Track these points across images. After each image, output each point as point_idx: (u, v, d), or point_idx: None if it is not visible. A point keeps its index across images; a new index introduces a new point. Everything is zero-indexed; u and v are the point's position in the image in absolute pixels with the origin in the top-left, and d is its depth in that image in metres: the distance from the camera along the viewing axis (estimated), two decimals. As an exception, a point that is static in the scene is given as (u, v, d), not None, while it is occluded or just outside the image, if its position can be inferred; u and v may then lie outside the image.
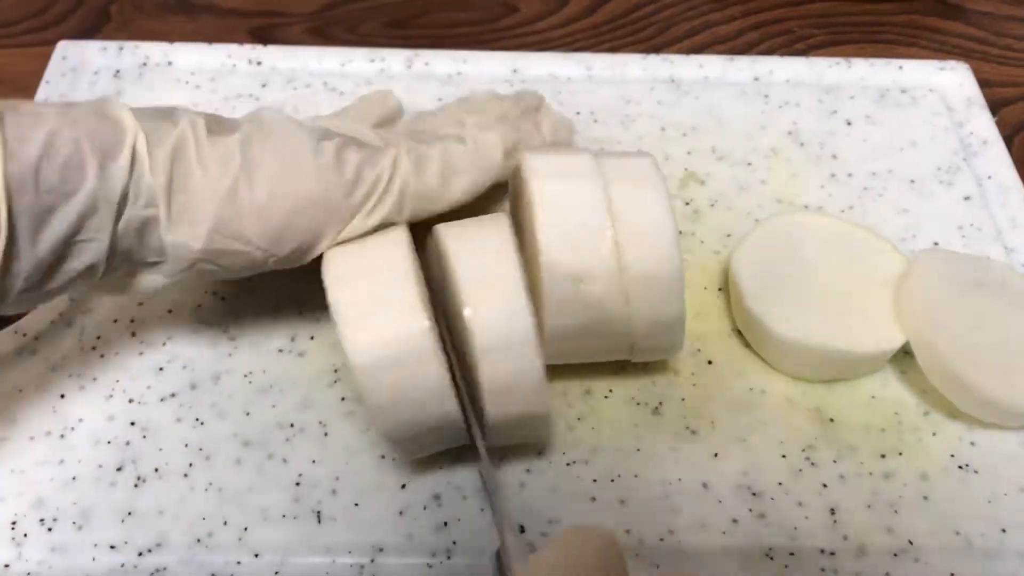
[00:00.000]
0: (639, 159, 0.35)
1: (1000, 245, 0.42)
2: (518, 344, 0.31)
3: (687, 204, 0.43)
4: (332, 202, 0.33)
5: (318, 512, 0.34)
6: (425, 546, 0.33)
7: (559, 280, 0.33)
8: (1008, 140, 0.47)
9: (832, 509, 0.35)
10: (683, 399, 0.37)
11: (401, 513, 0.34)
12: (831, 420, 0.37)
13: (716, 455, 0.36)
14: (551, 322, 0.33)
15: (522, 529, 0.34)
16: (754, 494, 0.35)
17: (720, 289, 0.41)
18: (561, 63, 0.48)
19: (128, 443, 0.35)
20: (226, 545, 0.33)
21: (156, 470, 0.35)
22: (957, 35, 0.54)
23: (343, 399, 0.37)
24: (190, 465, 0.35)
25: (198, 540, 0.33)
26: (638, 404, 0.37)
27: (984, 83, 0.49)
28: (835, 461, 0.36)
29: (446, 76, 0.48)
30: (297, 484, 0.34)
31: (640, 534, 0.34)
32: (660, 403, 0.37)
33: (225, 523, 0.34)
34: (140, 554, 0.33)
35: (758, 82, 0.48)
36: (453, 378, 0.32)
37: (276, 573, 0.33)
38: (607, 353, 0.36)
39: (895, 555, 0.34)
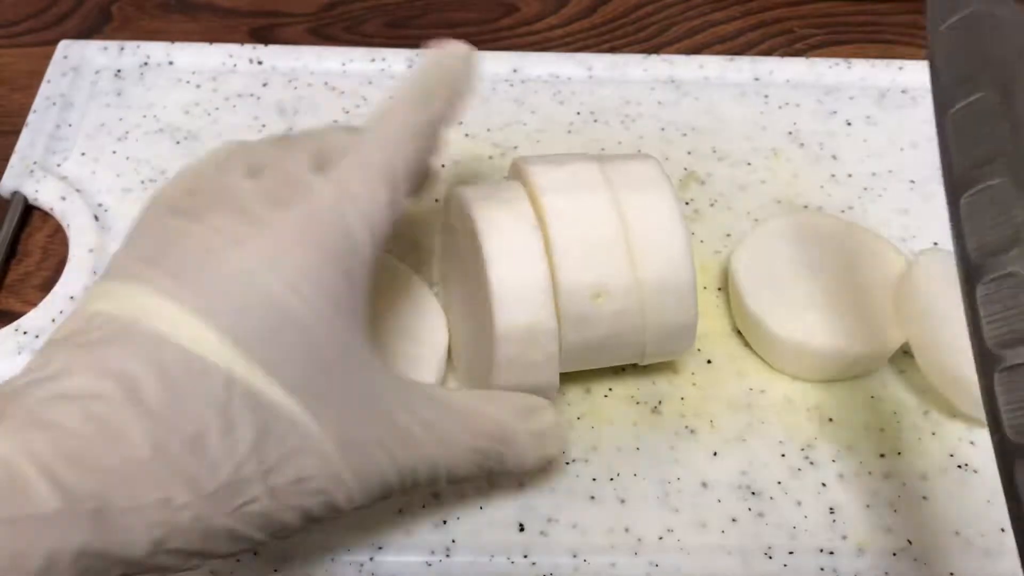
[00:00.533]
0: (643, 163, 0.35)
1: (1000, 245, 0.42)
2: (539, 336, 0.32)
3: (687, 204, 0.43)
4: None
5: (317, 510, 0.34)
6: (424, 544, 0.33)
7: (577, 297, 0.33)
8: (1008, 141, 0.47)
9: (831, 508, 0.35)
10: (682, 398, 0.37)
11: (400, 511, 0.34)
12: (830, 420, 0.37)
13: (715, 454, 0.36)
14: (568, 338, 0.33)
15: (521, 528, 0.34)
16: (753, 493, 0.35)
17: (720, 289, 0.41)
18: (561, 63, 0.49)
19: (128, 441, 0.35)
20: (225, 543, 0.33)
21: (156, 468, 0.35)
22: (957, 36, 0.54)
23: (343, 398, 0.37)
24: (189, 463, 0.35)
25: (197, 538, 0.33)
26: (637, 403, 0.37)
27: (984, 84, 0.49)
28: (834, 460, 0.36)
29: (446, 76, 0.48)
30: (296, 482, 0.34)
31: (639, 533, 0.34)
32: (659, 402, 0.37)
33: (224, 521, 0.34)
34: (139, 552, 0.33)
35: (758, 82, 0.48)
36: None
37: (275, 571, 0.33)
38: (619, 360, 0.36)
39: (894, 554, 0.34)
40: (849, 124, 0.47)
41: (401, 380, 0.29)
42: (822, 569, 0.33)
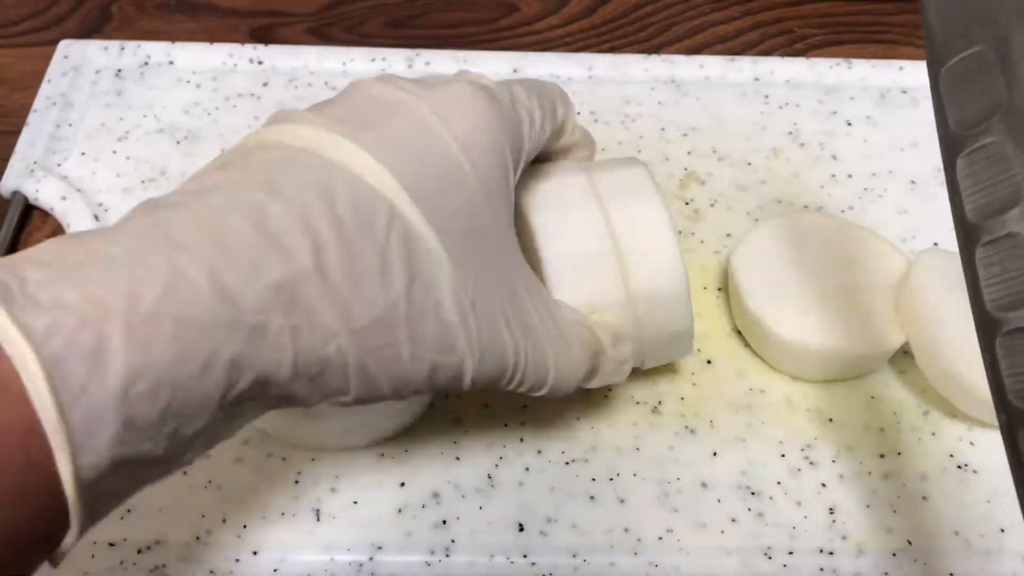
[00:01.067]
0: (631, 170, 0.35)
1: (1000, 245, 0.42)
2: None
3: (687, 204, 0.43)
4: None
5: (317, 510, 0.34)
6: (423, 544, 0.33)
7: None
8: (1008, 141, 0.47)
9: (831, 508, 0.35)
10: (682, 398, 0.37)
11: (400, 511, 0.34)
12: (830, 420, 0.37)
13: (715, 454, 0.36)
14: None
15: (520, 528, 0.34)
16: (753, 493, 0.35)
17: (720, 289, 0.41)
18: (561, 63, 0.49)
19: (128, 441, 0.35)
20: (225, 543, 0.33)
21: (155, 468, 0.35)
22: (957, 36, 0.54)
23: (342, 398, 0.37)
24: (189, 463, 0.35)
25: (197, 538, 0.33)
26: (637, 403, 0.37)
27: (984, 84, 0.49)
28: (834, 461, 0.36)
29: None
30: (296, 482, 0.35)
31: (639, 533, 0.34)
32: (659, 402, 0.37)
33: (224, 521, 0.34)
34: (139, 551, 0.33)
35: (758, 82, 0.48)
36: None
37: (275, 571, 0.33)
38: None
39: (894, 555, 0.34)
40: (849, 124, 0.47)
41: (531, 273, 0.30)
42: (822, 569, 0.33)
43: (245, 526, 0.33)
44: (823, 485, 0.35)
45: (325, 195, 0.24)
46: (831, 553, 0.34)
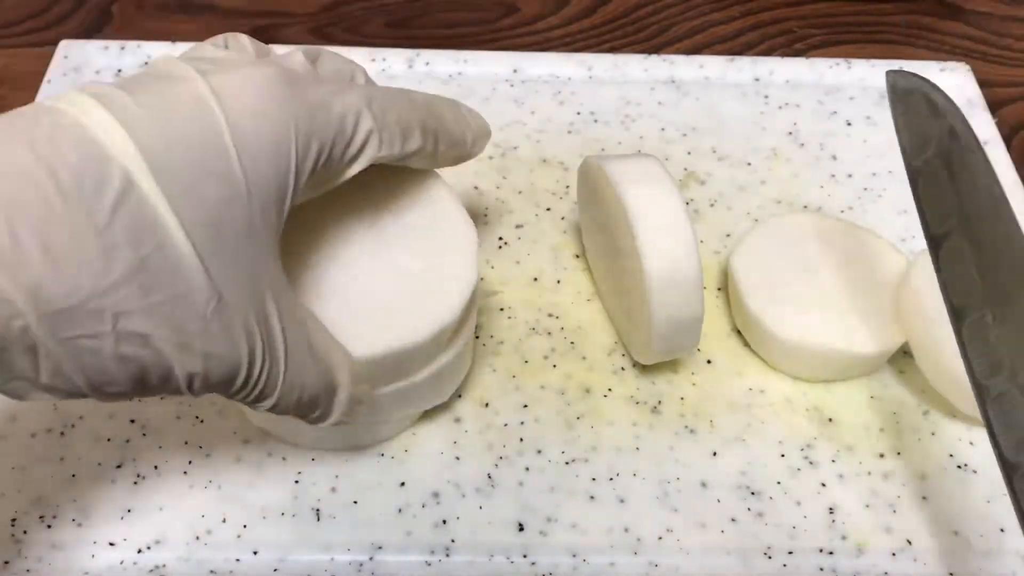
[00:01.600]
0: (644, 160, 0.36)
1: (1000, 245, 0.42)
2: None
3: (687, 204, 0.43)
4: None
5: (317, 510, 0.34)
6: (424, 543, 0.33)
7: None
8: (1007, 140, 0.47)
9: (831, 508, 0.35)
10: (682, 398, 0.37)
11: (400, 511, 0.34)
12: (830, 420, 0.37)
13: (715, 454, 0.36)
14: None
15: (520, 527, 0.34)
16: (753, 493, 0.35)
17: (720, 289, 0.41)
18: (561, 63, 0.49)
19: (128, 441, 0.35)
20: (225, 542, 0.33)
21: (156, 468, 0.35)
22: (956, 35, 0.54)
23: (342, 397, 0.37)
24: (189, 463, 0.35)
25: (197, 537, 0.33)
26: (637, 403, 0.37)
27: (983, 83, 0.49)
28: (834, 461, 0.36)
29: (447, 76, 0.48)
30: (296, 482, 0.35)
31: (639, 533, 0.34)
32: (659, 402, 0.37)
33: (224, 520, 0.34)
34: (139, 551, 0.33)
35: (758, 83, 0.48)
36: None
37: (275, 571, 0.33)
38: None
39: (893, 554, 0.34)
40: (849, 124, 0.47)
41: (284, 281, 0.26)
42: (821, 569, 0.33)
43: (245, 526, 0.33)
44: (823, 485, 0.35)
45: (41, 151, 0.21)
46: (831, 553, 0.34)
